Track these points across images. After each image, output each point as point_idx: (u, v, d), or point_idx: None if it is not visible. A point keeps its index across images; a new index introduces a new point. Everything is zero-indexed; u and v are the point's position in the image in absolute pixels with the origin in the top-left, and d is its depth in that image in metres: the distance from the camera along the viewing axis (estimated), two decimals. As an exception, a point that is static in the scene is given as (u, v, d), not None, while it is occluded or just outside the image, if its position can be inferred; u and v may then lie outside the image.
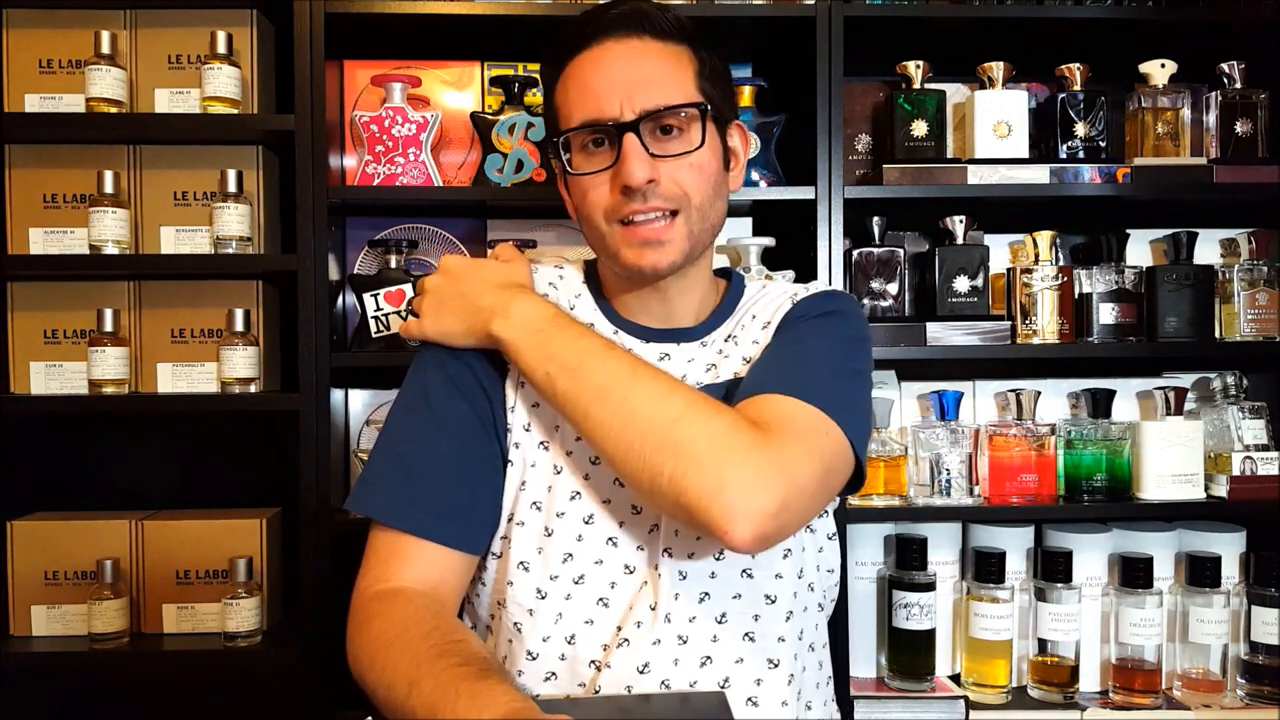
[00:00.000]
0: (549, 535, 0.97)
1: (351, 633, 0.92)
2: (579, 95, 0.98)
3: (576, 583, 0.96)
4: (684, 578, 0.94)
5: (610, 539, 0.96)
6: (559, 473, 0.98)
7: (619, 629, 0.94)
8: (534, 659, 0.96)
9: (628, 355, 0.92)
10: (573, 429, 0.96)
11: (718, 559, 0.95)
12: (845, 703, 1.55)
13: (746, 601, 0.95)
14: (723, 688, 0.93)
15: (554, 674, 0.95)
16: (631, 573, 0.96)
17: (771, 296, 1.07)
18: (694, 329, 1.06)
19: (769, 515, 0.81)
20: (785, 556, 0.97)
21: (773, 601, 0.96)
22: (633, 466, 0.86)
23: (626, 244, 0.98)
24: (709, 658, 0.94)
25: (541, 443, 1.00)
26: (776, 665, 0.95)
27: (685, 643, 0.93)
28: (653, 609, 0.94)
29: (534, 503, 0.98)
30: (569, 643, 0.95)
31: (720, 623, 0.94)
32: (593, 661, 0.94)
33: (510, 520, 0.99)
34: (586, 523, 0.97)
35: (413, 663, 0.84)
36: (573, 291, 1.09)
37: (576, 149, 1.00)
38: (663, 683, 0.93)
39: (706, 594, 0.94)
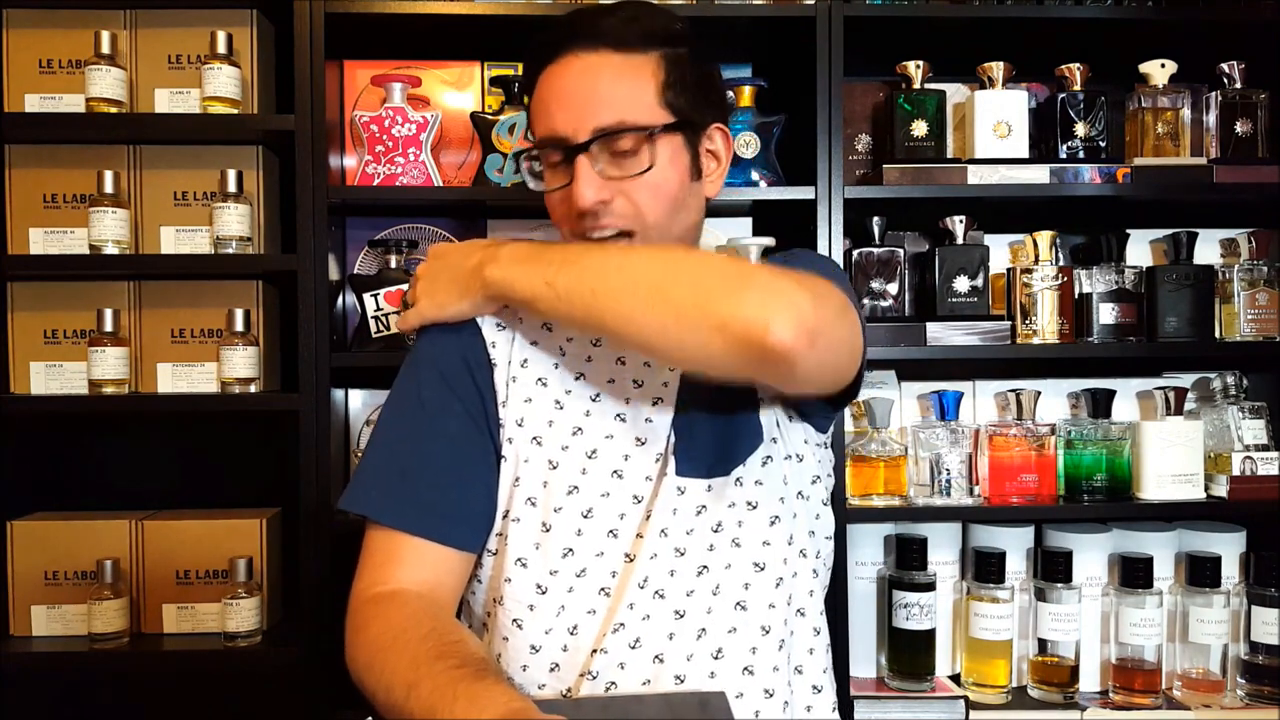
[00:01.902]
0: (547, 531, 0.97)
1: (349, 637, 0.92)
2: (541, 111, 0.99)
3: (579, 576, 0.96)
4: (681, 554, 0.95)
5: (611, 531, 0.97)
6: (555, 468, 0.98)
7: (613, 612, 0.95)
8: (537, 651, 0.96)
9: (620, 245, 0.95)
10: (566, 427, 0.98)
11: (715, 531, 0.96)
12: (845, 703, 1.54)
13: (737, 571, 0.96)
14: (716, 658, 0.94)
15: (557, 664, 0.96)
16: (631, 560, 0.96)
17: None
18: None
19: (809, 308, 0.80)
20: (772, 524, 0.97)
21: (761, 569, 0.97)
22: (653, 316, 0.84)
23: None
24: (703, 629, 0.94)
25: (535, 438, 0.99)
26: (768, 631, 0.96)
27: (682, 617, 0.94)
28: (641, 586, 0.94)
29: (529, 499, 0.98)
30: (572, 633, 0.95)
31: (715, 594, 0.95)
32: (594, 650, 0.95)
33: (505, 517, 0.99)
34: (585, 517, 0.97)
35: (410, 665, 0.84)
36: None
37: (546, 163, 1.01)
38: (656, 657, 0.93)
39: (705, 567, 0.95)
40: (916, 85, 1.65)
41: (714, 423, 0.98)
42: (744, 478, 0.98)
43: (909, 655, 1.60)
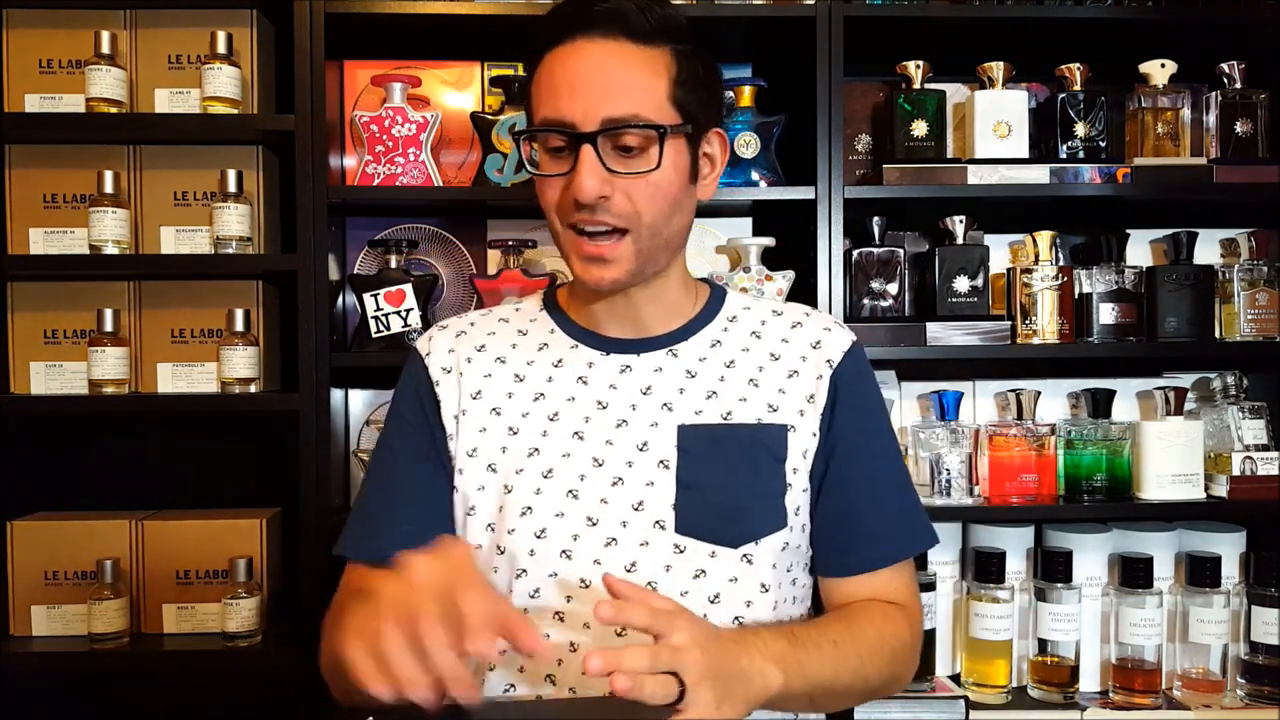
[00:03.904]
0: (501, 554, 0.97)
1: (323, 644, 0.92)
2: (547, 93, 0.94)
3: (532, 597, 0.96)
4: (632, 568, 0.95)
5: (564, 552, 0.96)
6: (510, 492, 0.98)
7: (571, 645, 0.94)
8: (491, 669, 0.96)
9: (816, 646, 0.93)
10: (521, 450, 0.99)
11: (678, 552, 0.95)
12: (845, 703, 1.55)
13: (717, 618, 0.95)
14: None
15: (512, 685, 0.96)
16: (586, 586, 0.95)
17: (776, 332, 1.05)
18: (661, 338, 1.03)
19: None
20: (764, 591, 0.98)
21: (762, 596, 0.97)
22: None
23: (576, 253, 0.96)
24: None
25: (490, 465, 1.00)
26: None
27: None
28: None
29: (489, 525, 0.99)
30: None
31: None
32: (547, 675, 0.94)
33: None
34: (538, 537, 0.96)
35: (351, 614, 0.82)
36: (528, 317, 1.09)
37: (542, 146, 0.96)
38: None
39: (655, 584, 0.95)
40: (916, 85, 1.65)
41: (724, 493, 0.97)
42: (754, 556, 0.97)
43: (909, 655, 1.60)
